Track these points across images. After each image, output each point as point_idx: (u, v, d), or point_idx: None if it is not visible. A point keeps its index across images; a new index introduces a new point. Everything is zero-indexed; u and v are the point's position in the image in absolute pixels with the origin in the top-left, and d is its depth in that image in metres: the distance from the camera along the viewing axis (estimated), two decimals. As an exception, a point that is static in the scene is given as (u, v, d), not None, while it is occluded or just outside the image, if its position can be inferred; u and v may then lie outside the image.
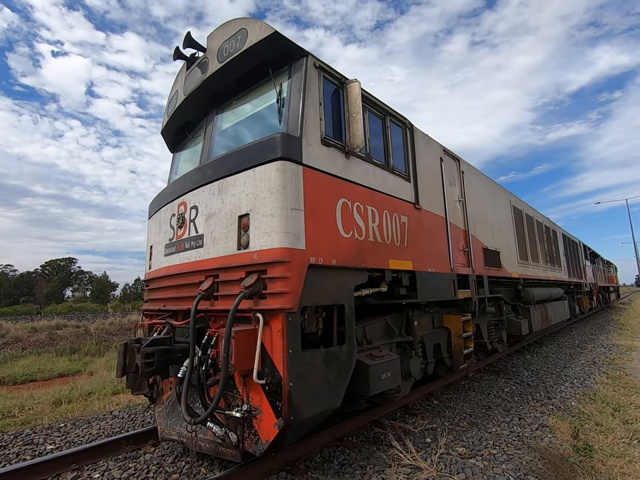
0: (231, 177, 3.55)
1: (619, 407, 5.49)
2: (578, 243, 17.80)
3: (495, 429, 4.48)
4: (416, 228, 4.85)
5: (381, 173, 4.41)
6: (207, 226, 3.71)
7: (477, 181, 7.21)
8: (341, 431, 4.22)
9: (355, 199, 3.88)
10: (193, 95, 4.53)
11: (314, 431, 4.09)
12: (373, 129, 4.48)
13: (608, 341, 12.04)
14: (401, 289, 4.51)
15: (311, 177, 3.39)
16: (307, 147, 3.42)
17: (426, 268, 4.90)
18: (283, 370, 2.90)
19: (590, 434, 4.55)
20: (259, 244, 3.17)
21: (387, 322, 4.64)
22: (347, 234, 3.68)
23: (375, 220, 4.13)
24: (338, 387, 3.34)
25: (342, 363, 3.41)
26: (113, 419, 5.23)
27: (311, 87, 3.62)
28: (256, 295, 3.09)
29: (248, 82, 4.15)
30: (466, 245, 6.23)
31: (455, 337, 5.70)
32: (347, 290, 3.59)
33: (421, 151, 5.32)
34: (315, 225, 3.33)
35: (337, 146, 3.81)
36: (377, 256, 4.05)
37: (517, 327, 8.17)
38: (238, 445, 3.11)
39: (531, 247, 9.91)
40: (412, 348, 4.78)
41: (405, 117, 5.08)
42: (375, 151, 4.43)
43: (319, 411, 3.13)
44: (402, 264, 4.43)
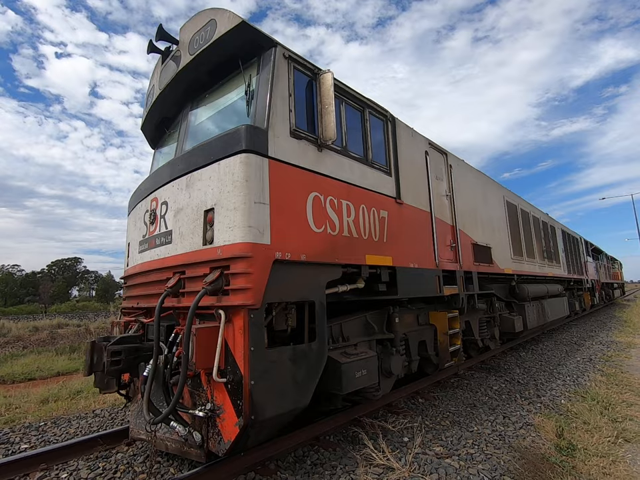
0: (197, 171, 3.47)
1: (609, 405, 5.36)
2: (579, 239, 17.55)
3: (477, 428, 4.37)
4: (397, 223, 4.74)
5: (358, 166, 4.30)
6: (175, 221, 3.63)
7: (467, 175, 7.08)
8: (318, 430, 4.14)
9: (328, 193, 3.78)
10: (167, 89, 4.45)
11: (289, 430, 4.03)
12: (350, 121, 4.38)
13: (608, 337, 11.84)
14: (380, 285, 4.42)
15: (278, 170, 3.30)
16: (274, 140, 3.33)
17: (408, 264, 4.80)
18: (244, 368, 2.82)
19: (576, 433, 4.43)
20: (222, 239, 3.09)
21: (367, 319, 4.54)
22: (318, 229, 3.59)
23: (351, 214, 4.03)
24: (306, 386, 3.25)
25: (311, 360, 3.33)
26: (94, 418, 5.19)
27: (280, 77, 3.53)
28: (219, 291, 3.01)
29: (220, 75, 4.06)
30: (453, 240, 6.11)
31: (441, 334, 5.60)
32: (318, 286, 3.50)
33: (403, 145, 5.21)
34: (282, 219, 3.24)
35: (309, 138, 3.71)
36: (353, 251, 3.96)
37: (510, 324, 8.04)
38: (202, 445, 3.04)
39: (527, 243, 9.75)
40: (393, 345, 4.68)
41: (385, 109, 4.97)
42: (352, 144, 4.33)
43: (284, 410, 3.05)
44: (380, 259, 4.34)
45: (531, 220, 10.53)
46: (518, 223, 9.43)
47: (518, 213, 9.57)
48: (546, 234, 11.88)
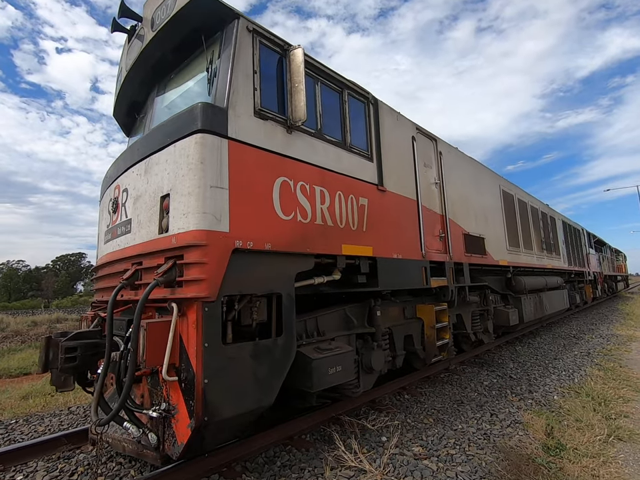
0: (155, 154, 3.23)
1: (604, 401, 5.11)
2: (581, 230, 17.19)
3: (462, 426, 4.15)
4: (378, 211, 4.48)
5: (334, 150, 4.05)
6: (134, 209, 3.41)
7: (459, 163, 6.78)
8: (293, 428, 3.94)
9: (299, 178, 3.54)
10: (133, 70, 4.20)
11: (262, 429, 3.83)
12: (326, 102, 4.11)
13: (608, 331, 11.57)
14: (359, 276, 4.18)
15: (239, 152, 3.05)
16: (235, 119, 3.08)
17: (390, 254, 4.55)
18: (196, 365, 2.60)
19: (567, 431, 4.20)
20: (177, 226, 2.86)
21: (346, 312, 4.31)
22: (286, 216, 3.34)
23: (325, 201, 3.79)
24: (270, 383, 3.04)
25: (276, 356, 3.11)
26: (67, 415, 5.03)
27: (242, 53, 3.26)
28: (172, 282, 2.79)
29: (184, 53, 3.80)
30: (443, 230, 5.85)
31: (428, 328, 5.36)
32: (286, 277, 3.27)
33: (387, 129, 4.93)
34: (244, 205, 3.00)
35: (277, 119, 3.46)
36: (327, 241, 3.72)
37: (505, 317, 7.79)
38: (158, 447, 2.84)
39: (524, 234, 9.46)
40: (374, 340, 4.45)
41: (367, 91, 4.69)
42: (328, 126, 4.07)
43: (244, 410, 2.84)
44: (359, 249, 4.09)
45: (529, 210, 10.22)
46: (515, 213, 9.13)
47: (515, 202, 9.26)
48: (545, 225, 11.56)
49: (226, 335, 3.07)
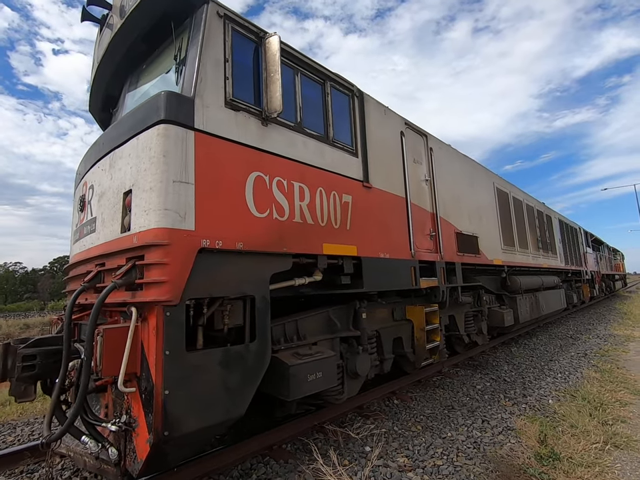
0: (119, 148, 3.03)
1: (600, 405, 4.92)
2: (578, 229, 17.03)
3: (451, 434, 3.95)
4: (364, 209, 4.29)
5: (315, 145, 3.84)
6: (98, 207, 3.20)
7: (450, 160, 6.59)
8: (274, 438, 3.73)
9: (276, 173, 3.33)
10: (104, 62, 3.99)
11: (241, 439, 3.63)
12: (306, 94, 3.91)
13: (606, 330, 11.40)
14: (343, 277, 3.98)
15: (208, 145, 2.85)
16: (203, 110, 2.87)
17: (377, 254, 4.35)
18: (155, 375, 2.39)
19: (561, 438, 4.00)
20: (138, 225, 2.65)
21: (329, 315, 4.11)
22: (261, 213, 3.14)
23: (305, 198, 3.58)
24: (242, 392, 2.83)
25: (248, 364, 2.90)
26: (41, 424, 4.80)
27: (212, 39, 3.06)
28: (132, 285, 2.58)
29: (155, 41, 3.59)
30: (433, 229, 5.65)
31: (418, 330, 5.16)
32: (260, 279, 3.07)
33: (373, 123, 4.73)
34: (212, 201, 2.80)
35: (251, 111, 3.25)
36: (306, 239, 3.51)
37: (500, 318, 7.60)
38: (119, 463, 2.63)
39: (519, 233, 9.27)
40: (359, 343, 4.25)
41: (352, 83, 4.49)
42: (309, 120, 3.87)
43: (212, 422, 2.63)
44: (342, 249, 3.89)
45: (524, 208, 10.04)
46: (510, 211, 8.94)
47: (510, 201, 9.08)
48: (541, 223, 11.39)
49: (196, 341, 2.88)
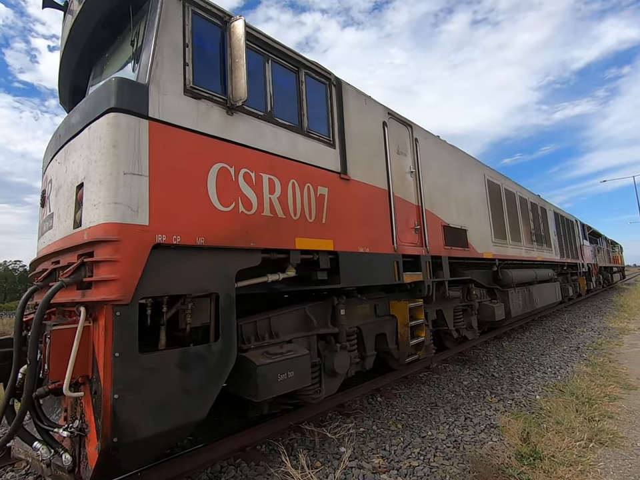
0: (73, 139, 2.88)
1: (588, 401, 4.81)
2: (574, 222, 16.87)
3: (431, 433, 3.84)
4: (341, 202, 4.14)
5: (287, 135, 3.69)
6: (55, 202, 3.06)
7: (438, 151, 6.43)
8: (247, 439, 3.62)
9: (242, 165, 3.18)
10: (68, 51, 3.83)
11: (217, 439, 3.53)
12: (278, 82, 3.75)
13: (600, 323, 11.30)
14: (319, 272, 3.85)
15: (164, 135, 2.70)
16: (159, 97, 2.72)
17: (355, 248, 4.21)
18: (104, 378, 2.27)
19: (545, 435, 3.88)
20: (89, 220, 2.51)
21: (306, 312, 3.98)
22: (225, 207, 3.00)
23: (276, 191, 3.44)
24: (203, 395, 2.71)
25: (210, 364, 2.77)
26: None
27: (169, 22, 2.89)
28: (81, 283, 2.45)
29: (115, 27, 3.43)
30: (419, 222, 5.51)
31: (401, 326, 5.04)
32: (223, 275, 2.93)
33: (353, 113, 4.57)
34: (169, 194, 2.65)
35: (214, 99, 3.10)
36: (277, 234, 3.37)
37: (490, 312, 7.48)
38: (73, 469, 2.51)
39: (512, 225, 9.13)
40: (337, 341, 4.12)
41: (329, 71, 4.32)
42: (281, 109, 3.71)
43: (168, 427, 2.51)
44: (317, 243, 3.75)
45: (517, 201, 9.88)
46: (501, 204, 8.79)
47: (501, 193, 8.92)
48: (535, 216, 11.23)
49: (158, 341, 2.76)
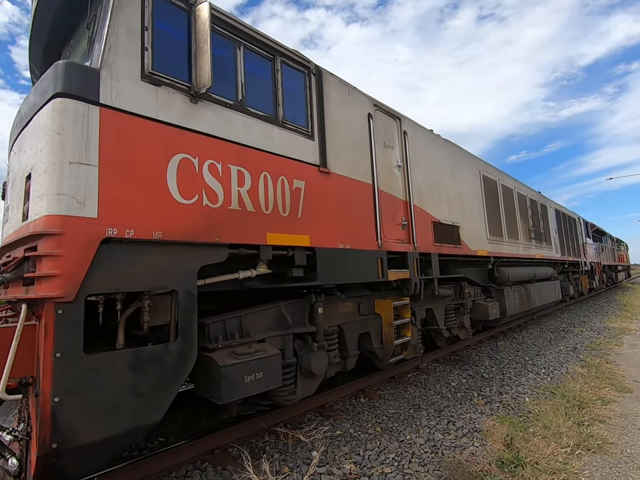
0: (25, 128, 2.74)
1: (580, 404, 4.63)
2: (577, 219, 16.56)
3: (410, 437, 3.68)
4: (319, 196, 3.98)
5: (260, 125, 3.52)
6: (11, 194, 2.93)
7: (429, 145, 6.23)
8: (218, 442, 3.48)
9: (207, 156, 3.03)
10: (35, 38, 3.68)
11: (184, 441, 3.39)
12: (251, 70, 3.58)
13: (601, 323, 11.05)
14: (294, 269, 3.70)
15: (117, 123, 2.54)
16: (112, 83, 2.56)
17: (335, 244, 4.05)
18: (44, 380, 2.13)
19: (531, 441, 3.71)
20: (34, 212, 2.37)
21: (281, 310, 3.82)
22: (187, 199, 2.85)
23: (245, 184, 3.28)
24: (158, 397, 2.57)
25: (167, 365, 2.63)
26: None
27: (125, 4, 2.73)
28: (22, 279, 2.31)
29: (79, 10, 3.27)
30: (406, 218, 5.33)
31: (386, 325, 4.88)
32: (183, 271, 2.78)
33: (334, 104, 4.39)
34: (121, 186, 2.50)
35: (177, 86, 2.94)
36: (246, 228, 3.22)
37: (484, 311, 7.29)
38: (20, 475, 2.39)
39: (509, 222, 8.91)
40: (315, 340, 3.97)
41: (308, 59, 4.14)
42: (253, 98, 3.54)
43: (117, 432, 2.37)
44: (291, 239, 3.60)
45: (515, 197, 9.65)
46: (498, 200, 8.56)
47: (498, 189, 8.69)
48: (534, 213, 10.98)
49: (116, 341, 2.63)
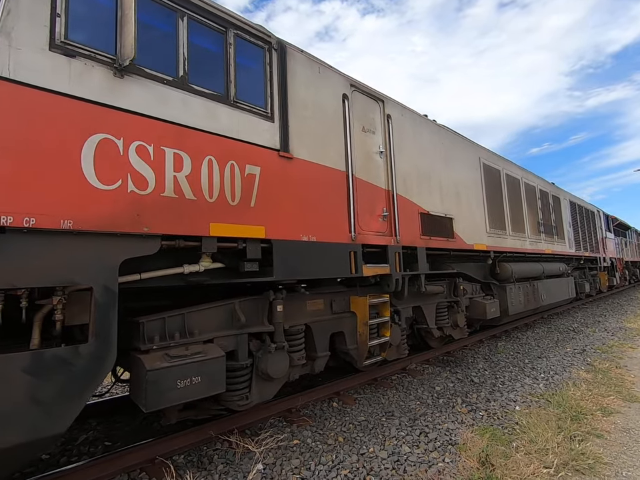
0: None
1: (577, 414, 4.16)
2: (595, 213, 15.61)
3: (374, 449, 3.33)
4: (279, 183, 3.63)
5: (205, 104, 3.19)
6: None
7: (417, 130, 5.76)
8: (163, 448, 3.22)
9: (135, 137, 2.72)
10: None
11: (122, 448, 3.15)
12: (197, 43, 3.24)
13: (617, 323, 10.31)
14: (246, 263, 3.37)
15: (15, 97, 2.26)
16: (10, 52, 2.27)
17: (297, 236, 3.70)
18: None
19: (512, 456, 3.30)
20: None
21: (235, 307, 3.51)
22: (107, 185, 2.55)
23: (184, 168, 2.96)
24: (63, 405, 2.30)
25: (77, 370, 2.35)
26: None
27: (31, -37, 2.43)
28: None
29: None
30: (388, 208, 4.92)
31: (361, 324, 4.51)
32: (101, 265, 2.50)
33: (300, 83, 4.02)
34: (21, 168, 2.22)
35: (98, 58, 2.63)
36: (183, 218, 2.91)
37: (481, 310, 6.80)
38: None
39: (514, 214, 8.33)
40: (273, 340, 3.65)
41: (268, 33, 3.77)
42: (199, 74, 3.21)
43: (10, 444, 2.11)
44: (241, 230, 3.27)
45: (522, 188, 9.02)
46: (501, 190, 7.99)
47: (501, 178, 8.11)
48: (545, 205, 10.29)
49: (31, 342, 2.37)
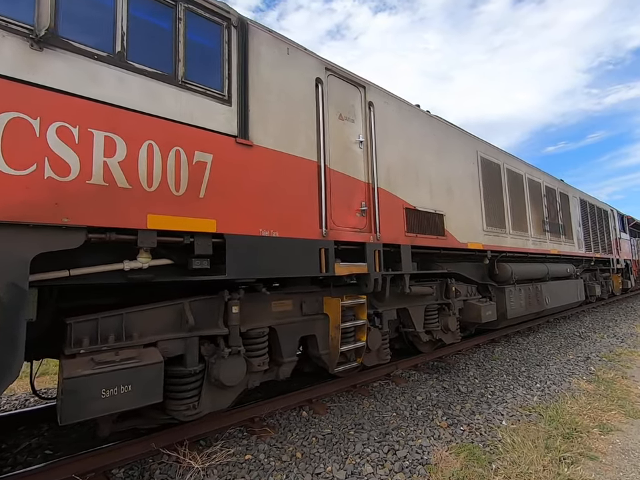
0: None
1: (570, 432, 3.74)
2: (609, 212, 14.87)
3: (331, 468, 2.98)
4: (235, 172, 3.31)
5: (146, 84, 2.89)
6: None
7: (404, 119, 5.37)
8: (103, 460, 2.95)
9: (56, 117, 2.43)
10: None
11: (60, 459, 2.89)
12: (140, 17, 2.94)
13: (629, 329, 9.70)
14: (195, 260, 3.07)
15: None
16: None
17: (255, 231, 3.38)
18: None
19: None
20: None
21: (184, 308, 3.21)
22: (18, 170, 2.27)
23: (117, 153, 2.67)
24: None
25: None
26: None
27: None
28: None
29: None
30: (367, 202, 4.55)
31: (332, 328, 4.16)
32: (7, 259, 2.22)
33: (265, 64, 3.68)
34: None
35: (9, 27, 2.35)
36: (115, 208, 2.61)
37: (476, 313, 6.37)
38: None
39: (515, 212, 7.84)
40: (228, 344, 3.34)
41: (228, 9, 3.45)
42: (141, 50, 2.91)
43: None
44: (187, 223, 2.96)
45: (525, 184, 8.51)
46: (501, 186, 7.52)
47: (502, 173, 7.63)
48: (551, 202, 9.74)
49: None
